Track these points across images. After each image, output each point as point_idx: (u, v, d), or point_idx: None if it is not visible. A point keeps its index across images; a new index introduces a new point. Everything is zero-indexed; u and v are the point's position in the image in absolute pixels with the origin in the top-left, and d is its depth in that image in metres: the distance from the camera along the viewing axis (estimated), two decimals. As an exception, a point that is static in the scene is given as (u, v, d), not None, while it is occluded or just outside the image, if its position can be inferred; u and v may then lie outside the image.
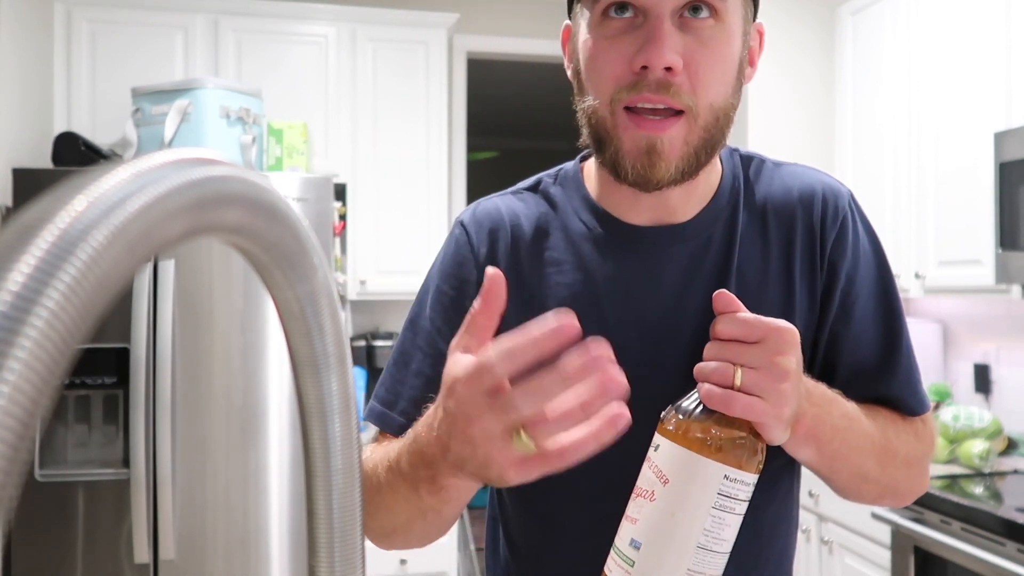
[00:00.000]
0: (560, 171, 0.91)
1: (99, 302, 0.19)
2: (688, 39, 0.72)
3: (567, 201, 0.87)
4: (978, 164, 2.42)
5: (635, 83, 0.72)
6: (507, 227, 0.86)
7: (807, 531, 2.66)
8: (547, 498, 0.86)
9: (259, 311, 2.47)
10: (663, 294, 0.81)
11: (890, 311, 0.86)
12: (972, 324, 2.88)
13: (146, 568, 2.36)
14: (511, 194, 0.90)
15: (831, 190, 0.85)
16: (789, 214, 0.84)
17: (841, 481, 0.81)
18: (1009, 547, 1.89)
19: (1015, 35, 2.31)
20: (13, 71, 2.63)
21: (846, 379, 0.83)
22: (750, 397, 0.65)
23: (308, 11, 3.17)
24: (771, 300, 0.82)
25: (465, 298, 0.83)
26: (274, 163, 2.85)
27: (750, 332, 0.66)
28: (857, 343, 0.84)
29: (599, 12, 0.74)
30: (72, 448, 2.41)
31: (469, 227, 0.87)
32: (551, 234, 0.85)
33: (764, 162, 0.88)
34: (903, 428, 0.84)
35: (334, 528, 0.36)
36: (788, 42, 3.25)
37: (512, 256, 0.85)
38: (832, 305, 0.83)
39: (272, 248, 0.30)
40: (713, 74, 0.73)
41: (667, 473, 0.66)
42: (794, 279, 0.82)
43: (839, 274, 0.83)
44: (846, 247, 0.83)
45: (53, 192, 0.20)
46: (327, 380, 0.35)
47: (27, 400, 0.17)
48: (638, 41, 0.72)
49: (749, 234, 0.83)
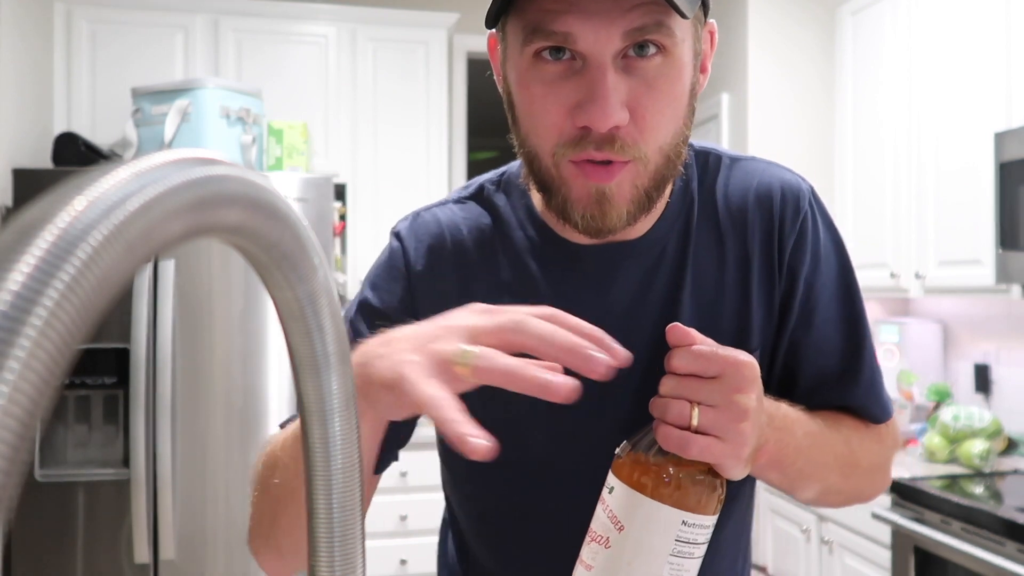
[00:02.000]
0: (504, 175, 0.83)
1: (99, 302, 0.19)
2: (634, 82, 0.64)
3: (511, 212, 0.80)
4: (978, 164, 2.42)
5: (578, 138, 0.65)
6: (448, 241, 0.80)
7: (807, 531, 2.66)
8: (500, 517, 0.83)
9: (259, 311, 2.47)
10: (614, 314, 0.76)
11: (853, 317, 0.82)
12: (972, 324, 2.88)
13: (146, 568, 2.36)
14: (453, 203, 0.83)
15: (791, 189, 0.80)
16: (746, 217, 0.78)
17: (806, 496, 0.79)
18: (1009, 547, 1.89)
19: (1015, 35, 2.31)
20: (13, 71, 2.63)
21: (808, 388, 0.80)
22: (707, 439, 0.61)
23: (308, 11, 3.17)
24: (727, 314, 0.77)
25: (390, 313, 0.77)
26: (274, 163, 2.85)
27: (707, 367, 0.62)
28: (819, 351, 0.80)
29: (531, 53, 0.65)
30: (72, 448, 2.41)
31: (407, 241, 0.81)
32: (494, 250, 0.79)
33: (721, 158, 0.81)
34: (866, 435, 0.82)
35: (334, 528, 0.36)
36: (788, 42, 3.25)
37: (456, 270, 0.79)
38: (792, 313, 0.79)
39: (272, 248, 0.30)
40: (663, 117, 0.66)
41: (622, 519, 0.63)
42: (751, 289, 0.78)
43: (799, 280, 0.79)
44: (806, 251, 0.79)
45: (53, 192, 0.20)
46: (327, 380, 0.35)
47: (27, 400, 0.17)
48: (578, 91, 0.64)
49: (704, 242, 0.78)
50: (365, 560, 0.38)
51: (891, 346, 3.01)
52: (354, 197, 3.18)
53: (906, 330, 2.96)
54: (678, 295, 0.77)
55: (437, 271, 0.79)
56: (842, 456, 0.77)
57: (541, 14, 0.63)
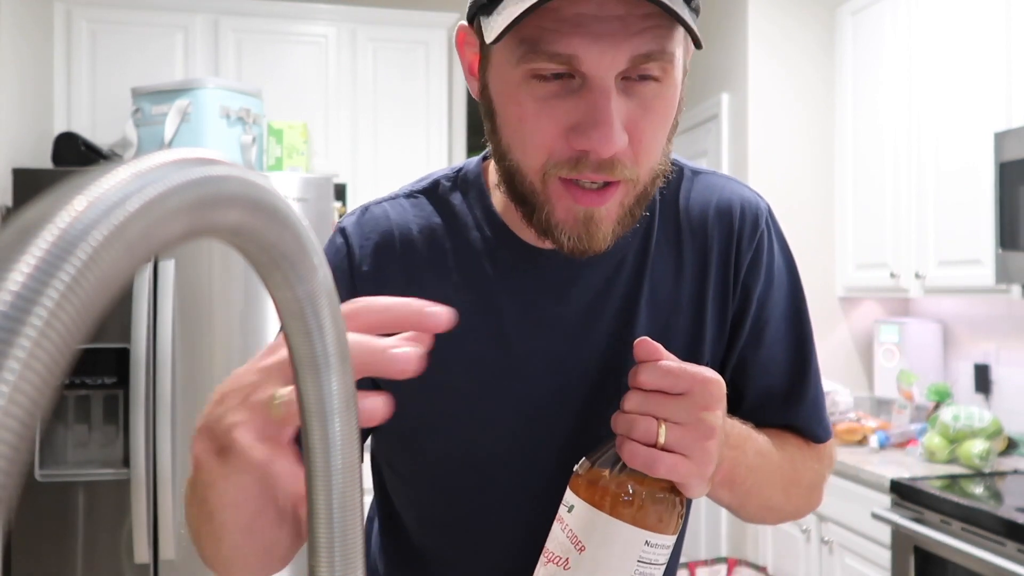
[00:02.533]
0: (460, 172, 0.80)
1: (99, 302, 0.19)
2: (632, 105, 0.62)
3: (467, 211, 0.77)
4: (978, 164, 2.42)
5: (574, 160, 0.63)
6: (396, 241, 0.76)
7: (807, 531, 2.66)
8: (448, 533, 0.81)
9: (259, 311, 2.47)
10: (571, 320, 0.75)
11: (800, 337, 0.82)
12: (972, 324, 2.88)
13: (146, 568, 2.36)
14: (404, 197, 0.80)
15: (750, 206, 0.79)
16: (706, 231, 0.78)
17: (747, 513, 0.79)
18: (1009, 547, 1.89)
19: (1015, 35, 2.31)
20: (13, 71, 2.63)
21: (753, 406, 0.80)
22: (675, 457, 0.60)
23: (308, 11, 3.17)
24: (681, 326, 0.77)
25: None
26: (274, 163, 2.85)
27: (675, 383, 0.61)
28: (766, 369, 0.80)
29: (527, 71, 0.62)
30: (72, 448, 2.41)
31: (352, 237, 0.77)
32: (447, 251, 0.76)
33: (683, 170, 0.80)
34: (808, 455, 0.82)
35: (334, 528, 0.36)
36: (788, 42, 3.25)
37: (404, 273, 0.76)
38: (743, 329, 0.79)
39: (272, 248, 0.30)
40: (656, 139, 0.65)
41: (582, 539, 0.61)
42: (706, 303, 0.77)
43: (752, 298, 0.79)
44: (760, 269, 0.79)
45: (53, 192, 0.20)
46: (327, 380, 0.35)
47: (27, 400, 0.17)
48: (576, 112, 0.61)
49: (663, 252, 0.77)
50: (365, 560, 0.38)
51: (891, 346, 3.01)
52: (354, 197, 3.18)
53: (906, 330, 2.96)
54: (635, 304, 0.76)
55: (383, 272, 0.76)
56: (787, 475, 0.77)
57: (543, 32, 0.60)
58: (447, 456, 0.78)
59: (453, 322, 0.52)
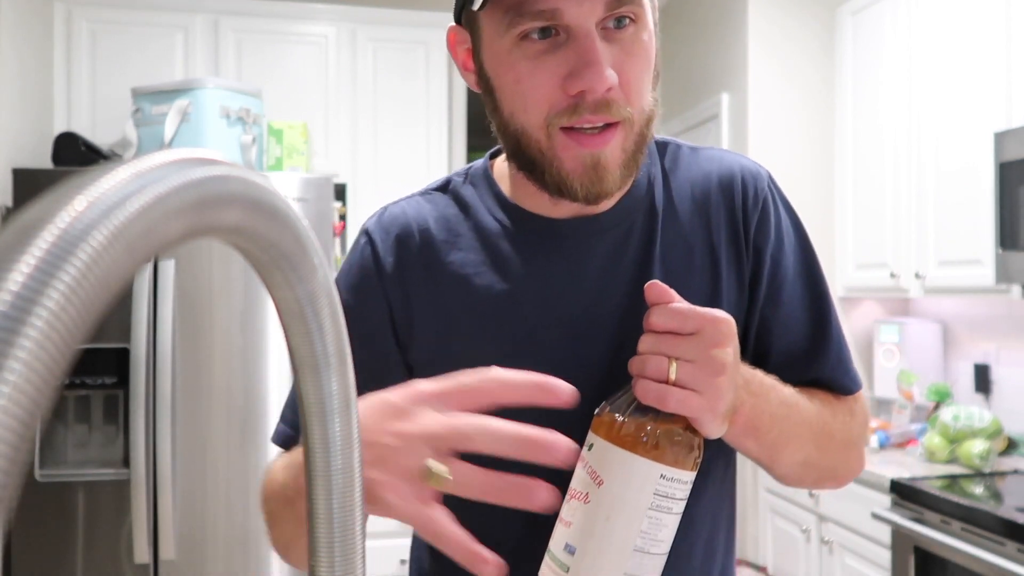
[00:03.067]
0: (470, 170, 0.87)
1: (99, 302, 0.19)
2: (614, 50, 0.69)
3: (479, 200, 0.83)
4: (978, 164, 2.42)
5: (573, 106, 0.69)
6: (415, 233, 0.82)
7: (807, 531, 2.66)
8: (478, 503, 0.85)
9: (259, 311, 2.47)
10: (585, 288, 0.79)
11: (816, 292, 0.85)
12: (972, 324, 2.88)
13: (146, 568, 2.36)
14: (420, 195, 0.86)
15: (750, 173, 0.84)
16: (709, 201, 0.82)
17: (782, 469, 0.80)
18: (1009, 547, 1.89)
19: (1015, 35, 2.31)
20: (13, 71, 2.63)
21: (779, 364, 0.82)
22: (685, 391, 0.63)
23: (308, 11, 3.17)
24: (696, 287, 0.80)
25: (366, 312, 0.80)
26: (274, 163, 2.85)
27: (684, 323, 0.64)
28: (786, 327, 0.83)
29: (517, 34, 0.68)
30: (72, 448, 2.41)
31: (375, 235, 0.83)
32: (463, 235, 0.82)
33: (680, 147, 0.85)
34: (839, 409, 0.83)
35: (334, 528, 0.36)
36: (788, 42, 3.25)
37: (423, 262, 0.81)
38: (760, 290, 0.82)
39: (272, 248, 0.30)
40: (642, 79, 0.71)
41: (601, 474, 0.64)
42: (720, 265, 0.81)
43: (764, 258, 0.82)
44: (769, 229, 0.82)
45: (53, 192, 0.20)
46: (327, 380, 0.35)
47: (28, 400, 0.17)
48: (568, 62, 0.68)
49: (670, 222, 0.81)
50: (365, 560, 0.38)
51: (891, 346, 3.01)
52: (354, 197, 3.18)
53: (906, 330, 2.96)
54: (647, 269, 0.79)
55: (406, 262, 0.81)
56: (816, 428, 0.79)
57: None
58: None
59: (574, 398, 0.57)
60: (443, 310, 0.80)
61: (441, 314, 0.80)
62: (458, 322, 0.80)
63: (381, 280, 0.81)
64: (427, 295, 0.81)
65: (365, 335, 0.80)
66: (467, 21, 0.75)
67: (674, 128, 3.83)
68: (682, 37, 3.77)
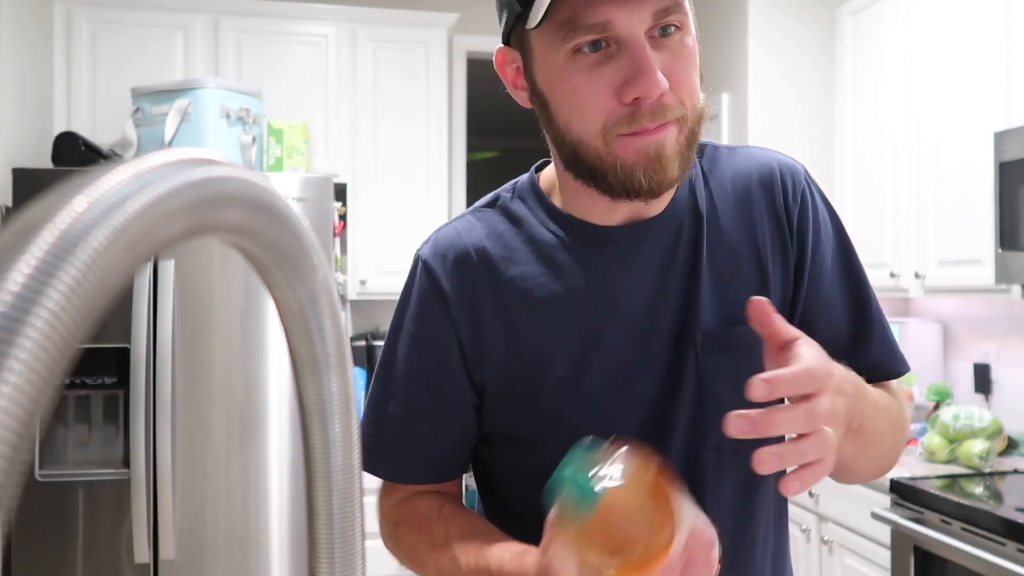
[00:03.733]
0: (516, 184, 0.89)
1: (99, 302, 0.19)
2: (663, 56, 0.72)
3: (530, 213, 0.85)
4: (978, 164, 2.42)
5: (630, 115, 0.72)
6: (472, 253, 0.84)
7: (807, 531, 2.66)
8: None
9: (259, 311, 2.47)
10: (643, 289, 0.82)
11: (856, 279, 0.87)
12: (972, 324, 2.88)
13: (146, 568, 2.36)
14: (470, 215, 0.88)
15: (788, 168, 0.87)
16: (751, 197, 0.85)
17: (862, 466, 0.83)
18: (1009, 547, 1.89)
19: (1015, 35, 2.31)
20: (13, 71, 2.63)
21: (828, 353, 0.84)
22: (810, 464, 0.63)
23: (308, 11, 3.17)
24: (746, 277, 0.83)
25: (433, 340, 0.84)
26: (274, 163, 2.85)
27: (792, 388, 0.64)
28: (829, 314, 0.85)
29: (570, 48, 0.72)
30: (72, 448, 2.41)
31: (432, 263, 0.85)
32: (519, 249, 0.84)
33: (718, 148, 0.89)
34: (895, 395, 0.86)
35: (334, 528, 0.36)
36: (788, 42, 3.25)
37: (484, 281, 0.84)
38: (804, 279, 0.85)
39: (272, 248, 0.30)
40: (691, 81, 0.75)
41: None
42: (765, 257, 0.84)
43: (807, 247, 0.85)
44: (808, 222, 0.85)
45: (53, 192, 0.20)
46: (327, 380, 0.35)
47: (28, 400, 0.17)
48: (621, 72, 0.71)
49: (714, 222, 0.84)
50: (365, 560, 0.38)
51: (891, 346, 3.01)
52: (354, 197, 3.18)
53: (906, 330, 2.96)
54: (697, 266, 0.82)
55: (467, 284, 0.84)
56: (891, 418, 0.81)
57: (576, 10, 0.70)
58: (551, 431, 0.84)
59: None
60: (509, 325, 0.83)
61: (508, 328, 0.83)
62: (525, 333, 0.82)
63: (445, 307, 0.83)
64: (492, 313, 0.83)
65: (435, 362, 0.84)
66: (516, 41, 0.78)
67: (674, 128, 3.83)
68: (682, 37, 3.77)
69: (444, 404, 0.85)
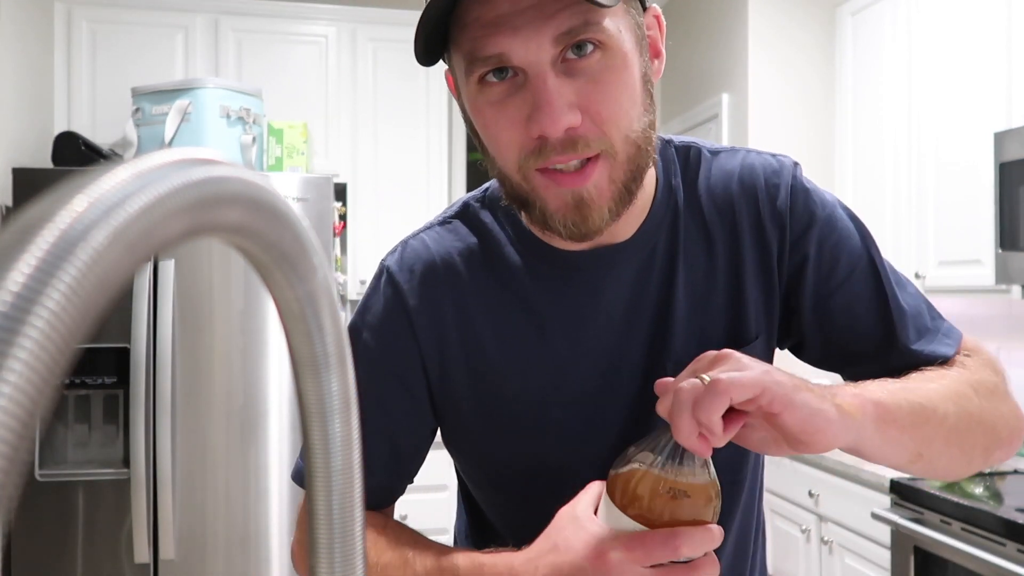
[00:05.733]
0: (487, 192, 0.83)
1: (99, 302, 0.19)
2: (579, 82, 0.64)
3: (499, 229, 0.80)
4: (978, 164, 2.42)
5: (539, 148, 0.65)
6: (440, 269, 0.80)
7: (807, 531, 2.66)
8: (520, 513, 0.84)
9: (259, 311, 2.47)
10: (612, 318, 0.77)
11: (873, 266, 0.79)
12: (972, 324, 2.88)
13: (146, 568, 2.36)
14: (439, 226, 0.83)
15: (770, 168, 0.80)
16: (732, 204, 0.79)
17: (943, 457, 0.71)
18: (1009, 547, 1.89)
19: (1015, 35, 2.31)
20: (13, 71, 2.63)
21: (861, 352, 0.78)
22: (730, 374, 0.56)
23: (308, 11, 3.17)
24: (719, 305, 0.78)
25: (394, 355, 0.79)
26: (274, 163, 2.85)
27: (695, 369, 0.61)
28: (850, 310, 0.78)
29: (476, 80, 0.66)
30: (72, 448, 2.41)
31: (398, 276, 0.80)
32: (486, 271, 0.79)
33: (701, 151, 0.81)
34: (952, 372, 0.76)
35: (334, 528, 0.36)
36: (788, 43, 3.25)
37: (451, 299, 0.79)
38: (806, 285, 0.78)
39: (272, 248, 0.30)
40: (619, 107, 0.66)
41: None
42: (743, 275, 0.78)
43: (808, 252, 0.78)
44: (803, 220, 0.78)
45: (53, 192, 0.20)
46: (327, 380, 0.35)
47: (28, 400, 0.17)
48: (526, 105, 0.64)
49: (692, 235, 0.78)
50: (365, 560, 0.38)
51: (891, 346, 3.01)
52: (354, 197, 3.18)
53: (906, 330, 2.96)
54: (671, 292, 0.77)
55: (432, 299, 0.79)
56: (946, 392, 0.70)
57: (473, 42, 0.65)
58: (513, 461, 0.81)
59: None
60: (473, 346, 0.79)
61: (471, 350, 0.79)
62: (488, 358, 0.79)
63: (409, 321, 0.79)
64: (458, 335, 0.79)
65: (395, 383, 0.79)
66: (448, 63, 0.73)
67: (674, 128, 3.83)
68: (682, 37, 3.77)
69: (397, 427, 0.80)
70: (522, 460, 0.80)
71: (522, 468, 0.81)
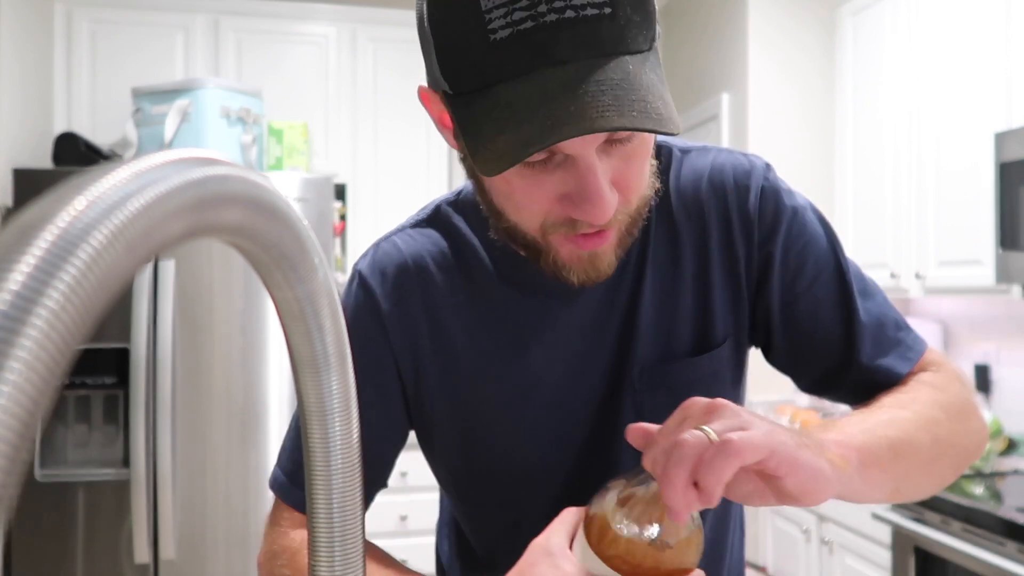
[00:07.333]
0: (460, 195, 0.82)
1: (99, 302, 0.19)
2: (614, 162, 0.63)
3: (472, 234, 0.79)
4: (978, 164, 2.42)
5: (570, 222, 0.64)
6: (412, 273, 0.79)
7: (807, 531, 2.66)
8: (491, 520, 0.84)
9: (259, 311, 2.47)
10: (583, 324, 0.77)
11: (841, 276, 0.78)
12: (972, 324, 2.88)
13: (146, 568, 2.36)
14: (412, 228, 0.82)
15: (741, 168, 0.78)
16: (701, 205, 0.78)
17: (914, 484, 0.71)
18: (1009, 547, 1.89)
19: (1015, 35, 2.31)
20: (13, 71, 2.63)
21: (820, 355, 0.78)
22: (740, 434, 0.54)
23: (308, 11, 3.17)
24: (686, 310, 0.77)
25: (366, 358, 0.75)
26: (274, 163, 2.85)
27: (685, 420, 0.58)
28: (815, 317, 0.77)
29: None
30: (72, 448, 2.41)
31: (370, 279, 0.79)
32: (458, 276, 0.79)
33: (672, 150, 0.80)
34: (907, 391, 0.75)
35: (334, 528, 0.36)
36: (788, 43, 3.25)
37: (423, 303, 0.78)
38: (772, 288, 0.77)
39: (272, 248, 0.30)
40: (643, 179, 0.66)
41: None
42: (711, 276, 0.77)
43: (774, 254, 0.77)
44: (771, 224, 0.77)
45: (53, 192, 0.20)
46: (327, 380, 0.35)
47: (28, 400, 0.17)
48: (566, 184, 0.62)
49: (661, 239, 0.78)
50: (365, 560, 0.38)
51: (891, 346, 3.00)
52: (354, 197, 3.18)
53: (906, 330, 2.96)
54: (637, 303, 0.77)
55: (404, 303, 0.78)
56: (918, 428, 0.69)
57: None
58: (483, 464, 0.81)
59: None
60: (445, 351, 0.78)
61: (443, 354, 0.78)
62: (460, 363, 0.78)
63: (381, 325, 0.78)
64: (429, 336, 0.78)
65: (370, 389, 0.77)
66: (444, 98, 0.65)
67: (674, 128, 3.83)
68: (682, 37, 3.77)
69: (370, 432, 0.78)
70: (492, 463, 0.80)
71: (492, 471, 0.81)
